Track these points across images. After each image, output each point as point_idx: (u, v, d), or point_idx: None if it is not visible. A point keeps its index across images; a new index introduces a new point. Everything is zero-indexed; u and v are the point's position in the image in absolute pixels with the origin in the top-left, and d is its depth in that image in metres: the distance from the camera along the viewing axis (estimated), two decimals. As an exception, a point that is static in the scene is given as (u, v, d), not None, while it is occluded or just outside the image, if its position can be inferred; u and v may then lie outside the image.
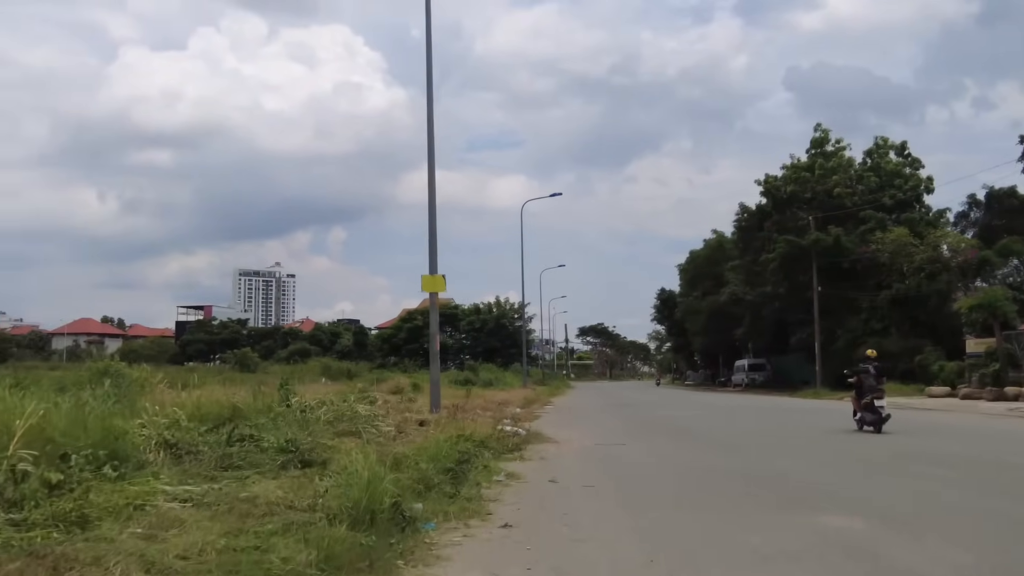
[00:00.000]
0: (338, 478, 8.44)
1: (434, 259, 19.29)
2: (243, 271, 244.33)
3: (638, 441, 18.20)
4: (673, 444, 17.74)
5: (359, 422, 14.94)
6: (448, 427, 15.83)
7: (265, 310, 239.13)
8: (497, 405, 32.43)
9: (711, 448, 16.77)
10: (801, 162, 64.37)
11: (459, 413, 22.37)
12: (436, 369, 19.96)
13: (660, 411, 33.03)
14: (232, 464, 9.99)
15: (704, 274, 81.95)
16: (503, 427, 18.84)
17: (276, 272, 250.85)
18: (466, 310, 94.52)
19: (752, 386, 70.62)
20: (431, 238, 19.40)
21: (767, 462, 14.10)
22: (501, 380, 58.83)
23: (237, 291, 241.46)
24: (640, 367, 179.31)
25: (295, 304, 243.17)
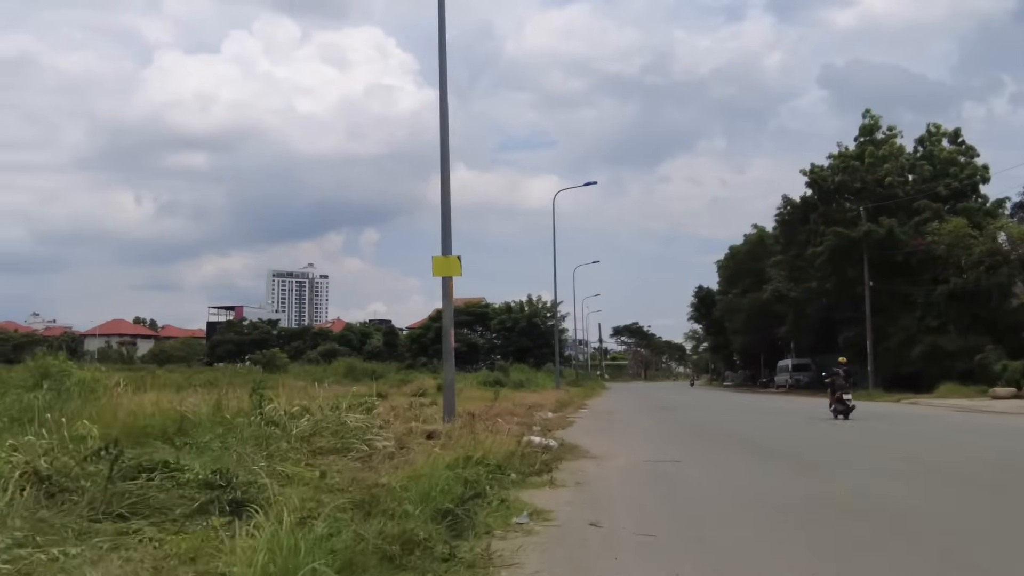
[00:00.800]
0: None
1: (448, 237, 15.98)
2: (276, 272, 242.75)
3: (694, 456, 14.87)
4: (738, 460, 14.35)
5: (347, 436, 11.74)
6: (461, 441, 12.57)
7: (298, 311, 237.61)
8: (527, 409, 29.20)
9: (788, 466, 13.37)
10: (849, 151, 60.50)
11: (480, 421, 19.18)
12: (451, 369, 16.54)
13: (706, 415, 29.61)
14: (130, 505, 6.79)
15: (744, 271, 78.18)
16: (531, 439, 15.63)
17: (309, 273, 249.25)
18: (497, 309, 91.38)
19: (796, 387, 66.82)
20: (444, 213, 16.07)
21: (870, 487, 10.69)
22: (533, 381, 55.55)
23: (271, 292, 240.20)
24: (675, 368, 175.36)
25: (328, 305, 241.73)
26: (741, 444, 17.52)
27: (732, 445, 17.24)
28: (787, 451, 15.90)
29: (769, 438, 19.18)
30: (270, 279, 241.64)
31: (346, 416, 12.39)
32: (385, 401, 21.05)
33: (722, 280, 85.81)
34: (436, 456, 9.83)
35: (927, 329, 51.54)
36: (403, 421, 14.91)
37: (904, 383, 50.88)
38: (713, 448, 16.51)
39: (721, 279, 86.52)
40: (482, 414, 22.45)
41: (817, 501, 9.58)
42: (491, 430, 14.23)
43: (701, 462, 13.86)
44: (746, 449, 16.36)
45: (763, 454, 15.56)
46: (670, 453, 15.22)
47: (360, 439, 11.74)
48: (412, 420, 15.12)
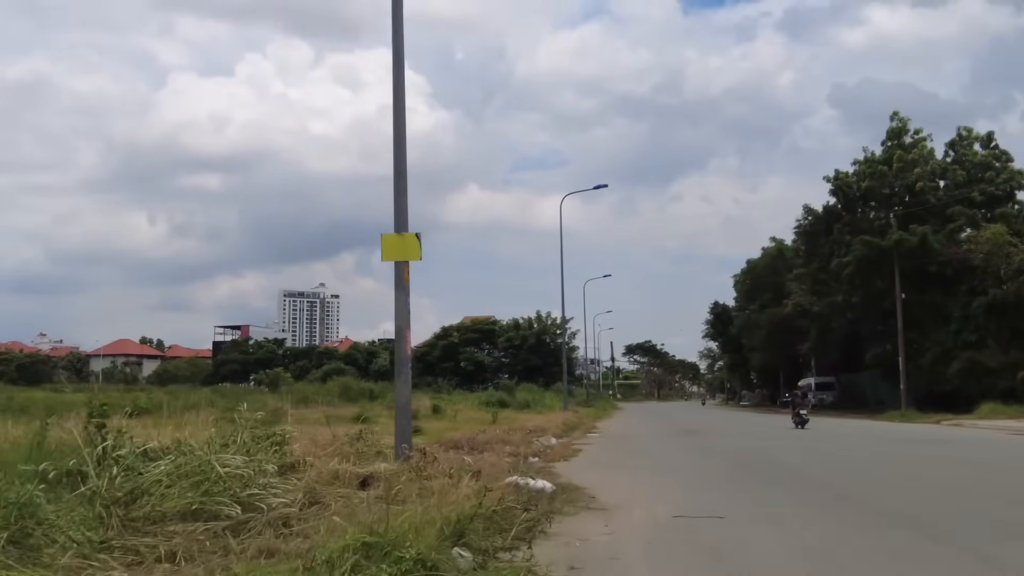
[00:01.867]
0: None
1: (402, 209, 11.34)
2: (287, 292, 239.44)
3: (747, 507, 10.39)
4: (814, 515, 9.82)
5: (218, 489, 7.35)
6: (405, 491, 8.21)
7: (309, 331, 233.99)
8: (526, 434, 24.71)
9: (896, 529, 8.86)
10: (875, 156, 56.03)
11: (460, 453, 14.83)
12: (405, 386, 11.39)
13: (740, 441, 24.91)
14: None
15: (763, 285, 73.64)
16: (517, 481, 11.24)
17: (320, 293, 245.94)
18: (504, 326, 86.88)
19: (820, 407, 62.08)
20: (397, 173, 11.34)
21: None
22: (540, 402, 51.07)
23: (281, 312, 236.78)
24: (689, 387, 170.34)
25: (339, 325, 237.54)
26: (805, 486, 12.91)
27: (794, 488, 12.64)
28: (876, 501, 11.34)
29: (838, 476, 14.59)
30: (281, 299, 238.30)
31: (223, 455, 7.90)
32: (335, 427, 16.50)
33: (739, 295, 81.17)
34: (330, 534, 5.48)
35: (964, 344, 46.97)
36: (344, 456, 10.44)
37: (939, 402, 46.40)
38: (767, 493, 11.95)
39: (738, 294, 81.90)
40: (467, 443, 18.07)
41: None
42: (456, 473, 9.79)
43: (761, 519, 9.31)
44: (816, 495, 11.79)
45: (843, 503, 11.06)
46: (711, 502, 10.78)
47: (238, 494, 7.34)
48: (350, 457, 10.61)
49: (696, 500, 11.06)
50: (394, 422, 11.61)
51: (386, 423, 25.21)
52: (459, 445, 17.39)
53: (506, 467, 14.09)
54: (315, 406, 43.23)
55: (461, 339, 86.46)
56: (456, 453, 15.67)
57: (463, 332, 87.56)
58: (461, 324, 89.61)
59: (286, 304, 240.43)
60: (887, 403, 54.59)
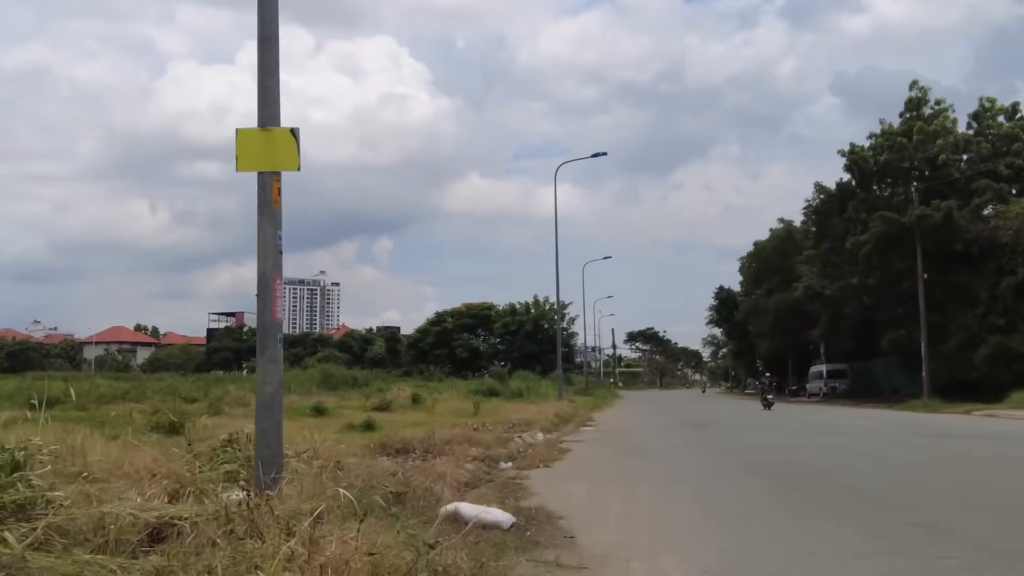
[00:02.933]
0: None
1: (271, 97, 7.08)
2: (287, 280, 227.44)
3: (808, 556, 6.50)
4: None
5: None
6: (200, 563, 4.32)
7: (310, 319, 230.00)
8: (508, 428, 20.96)
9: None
10: (893, 128, 51.87)
11: (387, 464, 11.04)
12: (272, 371, 7.04)
13: (757, 438, 20.79)
14: None
15: (771, 268, 69.46)
16: (458, 508, 7.38)
17: (320, 281, 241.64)
18: (500, 311, 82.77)
19: (832, 396, 58.18)
20: (264, 50, 7.11)
21: None
22: (534, 390, 47.12)
23: (282, 300, 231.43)
24: (691, 375, 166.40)
25: (339, 313, 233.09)
26: (874, 512, 8.95)
27: (864, 516, 8.70)
28: (981, 535, 7.44)
29: (904, 492, 10.62)
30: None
31: None
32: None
33: (746, 280, 77.02)
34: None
35: (992, 328, 42.92)
36: (160, 486, 6.48)
37: (962, 391, 42.58)
38: (841, 533, 7.99)
39: (744, 278, 77.76)
40: (422, 444, 14.14)
41: None
42: (333, 515, 5.84)
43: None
44: (903, 531, 7.87)
45: (948, 541, 7.12)
46: (747, 544, 6.88)
47: None
48: (189, 483, 6.60)
49: (726, 542, 7.14)
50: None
51: (329, 421, 21.38)
52: (409, 448, 13.47)
53: (459, 481, 10.23)
54: (297, 394, 39.64)
55: (455, 325, 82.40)
56: (398, 460, 11.78)
57: (457, 318, 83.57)
58: (455, 310, 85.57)
59: (286, 292, 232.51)
60: (903, 391, 50.97)
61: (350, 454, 11.50)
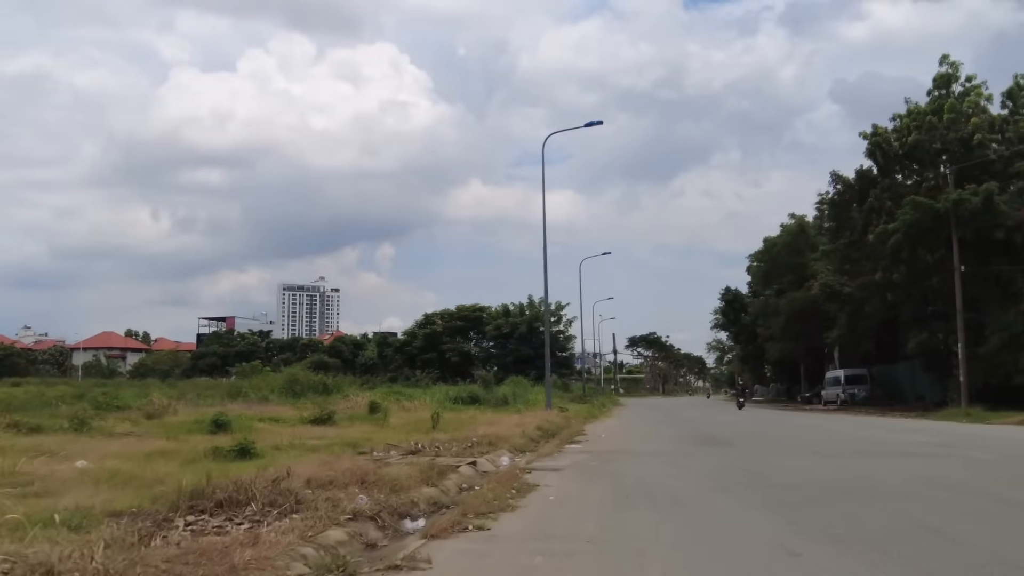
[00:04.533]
0: None
1: None
2: (287, 286, 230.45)
3: None
4: None
5: None
6: None
7: (309, 325, 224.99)
8: (463, 449, 15.58)
9: None
10: (920, 107, 46.33)
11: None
12: None
13: (802, 463, 14.92)
14: None
15: (782, 266, 63.78)
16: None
17: (320, 287, 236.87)
18: (493, 312, 76.98)
19: (851, 404, 52.43)
20: None
21: None
22: (522, 397, 41.50)
23: (281, 306, 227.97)
24: (695, 382, 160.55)
25: (339, 319, 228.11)
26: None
27: None
28: None
29: None
30: (280, 293, 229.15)
31: None
32: None
33: (755, 279, 71.12)
34: None
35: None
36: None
37: (1001, 397, 37.19)
38: None
39: (753, 278, 71.87)
40: (268, 490, 8.52)
41: None
42: None
43: None
44: None
45: None
46: None
47: None
48: None
49: None
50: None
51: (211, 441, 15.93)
52: (241, 498, 7.75)
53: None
54: (243, 402, 34.18)
55: (445, 328, 76.53)
56: (197, 525, 6.20)
57: (447, 320, 77.77)
58: (445, 311, 79.78)
59: (285, 298, 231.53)
60: (928, 398, 45.58)
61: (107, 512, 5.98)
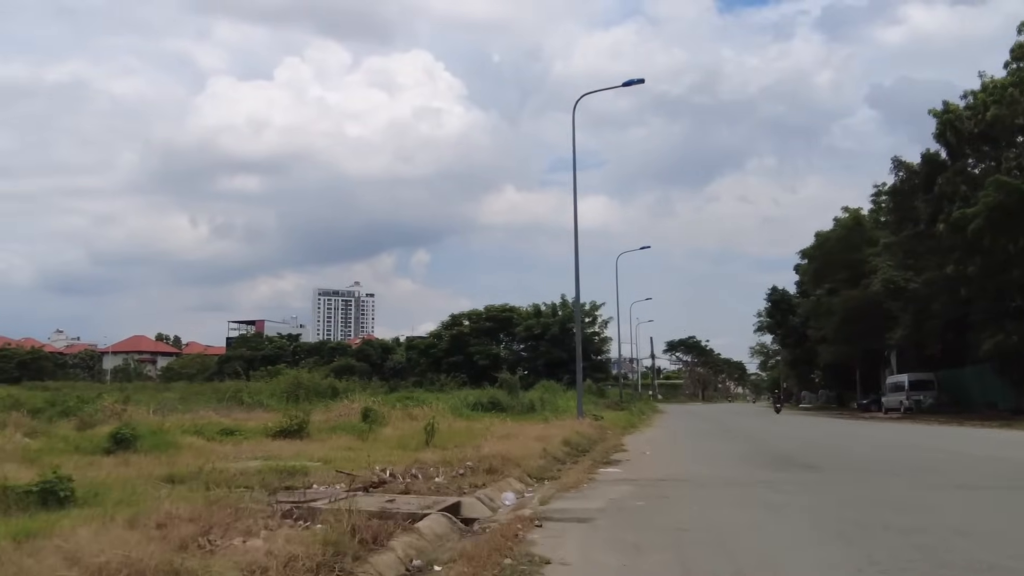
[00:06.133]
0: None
1: None
2: (322, 291, 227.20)
3: None
4: None
5: None
6: None
7: (344, 330, 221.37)
8: (452, 477, 10.59)
9: None
10: (996, 80, 40.87)
11: None
12: None
13: (940, 498, 9.81)
14: None
15: (835, 263, 58.07)
16: None
17: (355, 292, 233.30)
18: (523, 313, 71.78)
19: (916, 411, 46.73)
20: None
21: None
22: (551, 403, 36.51)
23: (316, 311, 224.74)
24: (734, 388, 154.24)
25: (374, 323, 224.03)
26: None
27: None
28: None
29: None
30: (315, 297, 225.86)
31: None
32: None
33: (806, 277, 65.31)
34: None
35: None
36: None
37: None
38: None
39: (804, 275, 66.07)
40: None
41: None
42: None
43: None
44: None
45: None
46: None
47: None
48: None
49: None
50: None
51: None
52: None
53: None
54: (228, 408, 29.86)
55: (473, 329, 71.61)
56: None
57: (475, 321, 72.76)
58: (473, 311, 74.88)
59: (320, 303, 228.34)
60: (1000, 405, 40.84)
61: None
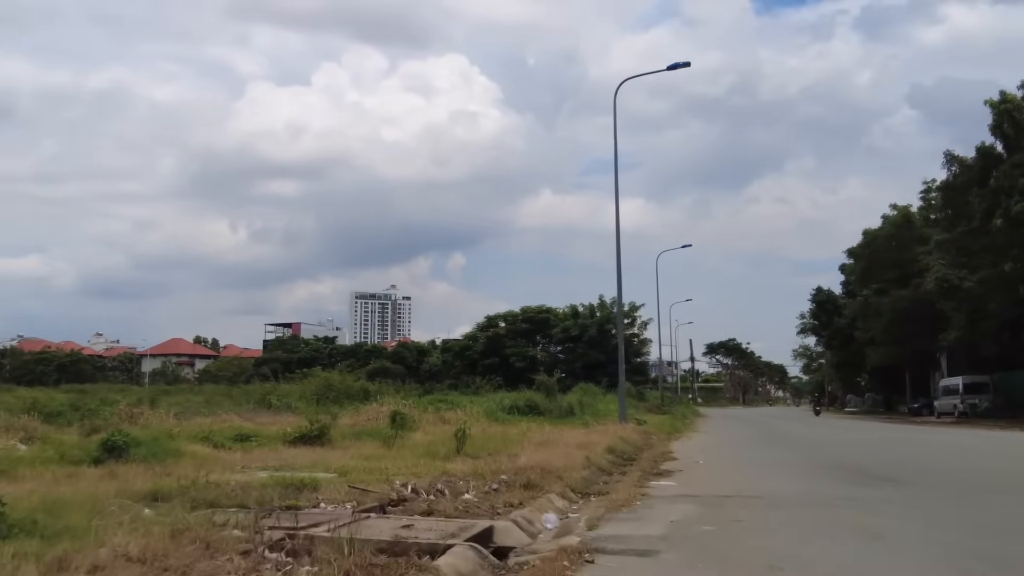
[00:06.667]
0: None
1: None
2: (359, 294, 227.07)
3: None
4: None
5: None
6: None
7: (381, 333, 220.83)
8: (484, 494, 8.81)
9: None
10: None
11: None
12: None
13: None
14: None
15: (884, 262, 55.73)
16: None
17: (392, 295, 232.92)
18: (560, 314, 69.95)
19: (971, 416, 44.43)
20: None
21: None
22: (591, 407, 34.71)
23: (353, 314, 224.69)
24: (774, 392, 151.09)
25: (411, 326, 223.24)
26: None
27: None
28: None
29: None
30: (352, 301, 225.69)
31: None
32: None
33: (854, 276, 62.87)
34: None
35: None
36: None
37: None
38: None
39: (851, 275, 63.69)
40: None
41: None
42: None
43: None
44: None
45: None
46: None
47: None
48: None
49: None
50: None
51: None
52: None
53: None
54: (251, 411, 28.65)
55: (509, 331, 69.88)
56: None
57: (511, 322, 71.06)
58: (508, 313, 73.22)
59: (357, 306, 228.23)
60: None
61: None
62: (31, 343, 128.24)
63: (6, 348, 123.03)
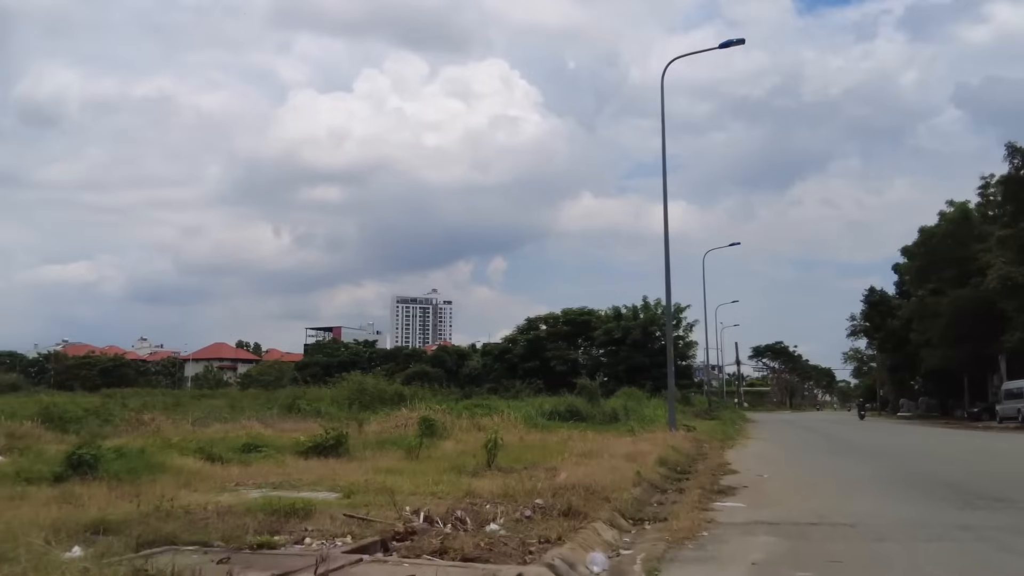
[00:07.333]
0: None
1: None
2: (400, 298, 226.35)
3: None
4: None
5: None
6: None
7: (422, 337, 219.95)
8: (516, 523, 6.84)
9: None
10: None
11: None
12: None
13: None
14: None
15: (941, 260, 52.99)
16: None
17: (433, 299, 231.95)
18: (603, 316, 67.70)
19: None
20: None
21: None
22: (636, 412, 32.61)
23: (395, 318, 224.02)
24: (821, 396, 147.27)
25: (452, 331, 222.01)
26: None
27: None
28: None
29: None
30: (394, 305, 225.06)
31: None
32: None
33: (908, 275, 60.05)
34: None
35: None
36: None
37: None
38: None
39: (907, 274, 60.84)
40: None
41: None
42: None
43: None
44: None
45: None
46: None
47: None
48: None
49: None
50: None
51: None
52: None
53: None
54: (297, 417, 27.02)
55: (549, 333, 67.89)
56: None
57: (552, 325, 69.04)
58: (550, 315, 71.08)
59: (399, 310, 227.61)
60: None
61: None
62: (76, 348, 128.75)
63: (51, 353, 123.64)
